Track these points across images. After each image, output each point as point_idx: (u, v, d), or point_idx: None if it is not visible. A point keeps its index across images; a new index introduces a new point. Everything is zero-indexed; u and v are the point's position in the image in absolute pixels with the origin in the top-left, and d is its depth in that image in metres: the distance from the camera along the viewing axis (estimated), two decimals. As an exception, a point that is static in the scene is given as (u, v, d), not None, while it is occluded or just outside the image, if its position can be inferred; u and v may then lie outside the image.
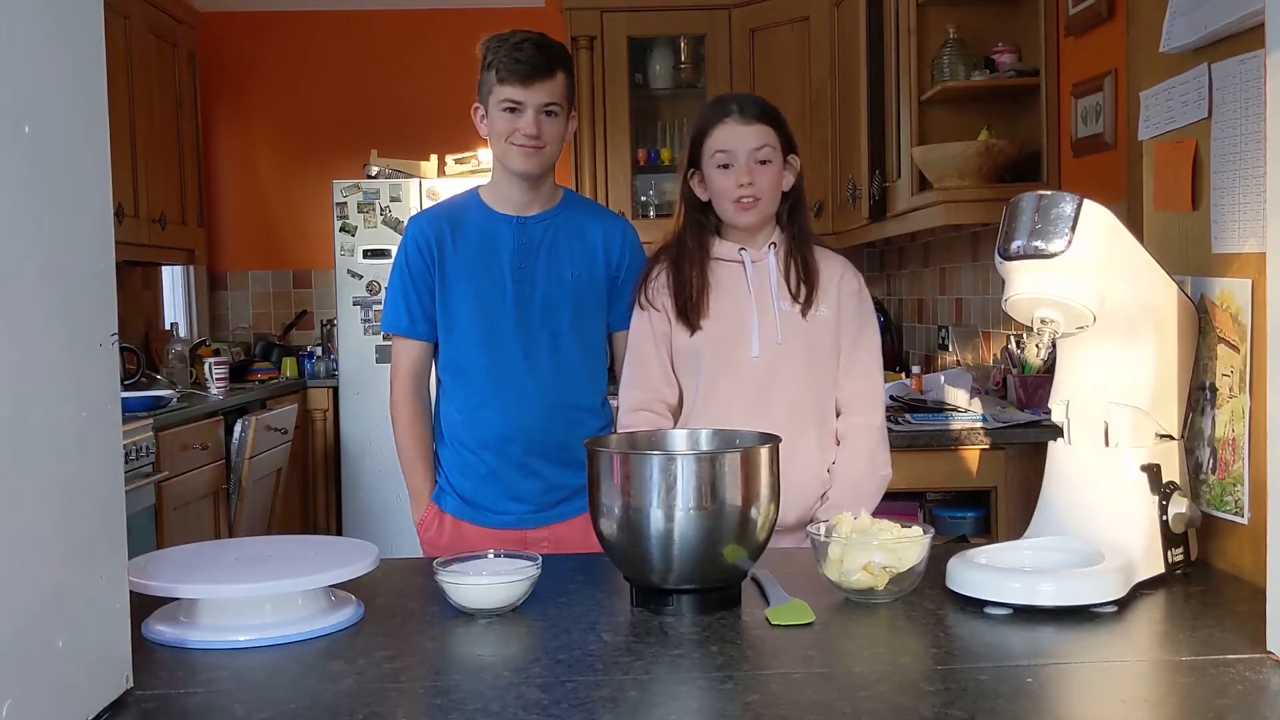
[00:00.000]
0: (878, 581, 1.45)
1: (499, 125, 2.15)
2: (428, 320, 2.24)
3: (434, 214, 2.28)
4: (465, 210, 2.26)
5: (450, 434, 2.27)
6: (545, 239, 2.21)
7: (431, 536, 2.24)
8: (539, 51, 2.14)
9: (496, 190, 2.25)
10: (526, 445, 2.21)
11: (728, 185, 2.08)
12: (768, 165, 2.08)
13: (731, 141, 2.08)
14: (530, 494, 2.22)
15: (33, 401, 0.99)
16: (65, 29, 1.07)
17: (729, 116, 2.10)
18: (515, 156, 2.15)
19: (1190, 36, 1.55)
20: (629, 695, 1.15)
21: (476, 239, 2.22)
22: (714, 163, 2.08)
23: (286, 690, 1.20)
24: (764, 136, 2.08)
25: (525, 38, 2.15)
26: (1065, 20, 3.19)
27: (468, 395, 2.23)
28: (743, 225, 2.10)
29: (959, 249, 4.19)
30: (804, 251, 2.14)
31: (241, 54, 5.85)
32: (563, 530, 2.21)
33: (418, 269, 2.23)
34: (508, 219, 2.22)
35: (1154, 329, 1.50)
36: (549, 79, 2.14)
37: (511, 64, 2.12)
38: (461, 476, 2.25)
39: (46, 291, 1.02)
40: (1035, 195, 1.45)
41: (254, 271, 5.96)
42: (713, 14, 5.11)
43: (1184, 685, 1.17)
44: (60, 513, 1.03)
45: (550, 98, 2.14)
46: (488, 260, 2.21)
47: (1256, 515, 1.44)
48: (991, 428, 2.95)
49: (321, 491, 5.38)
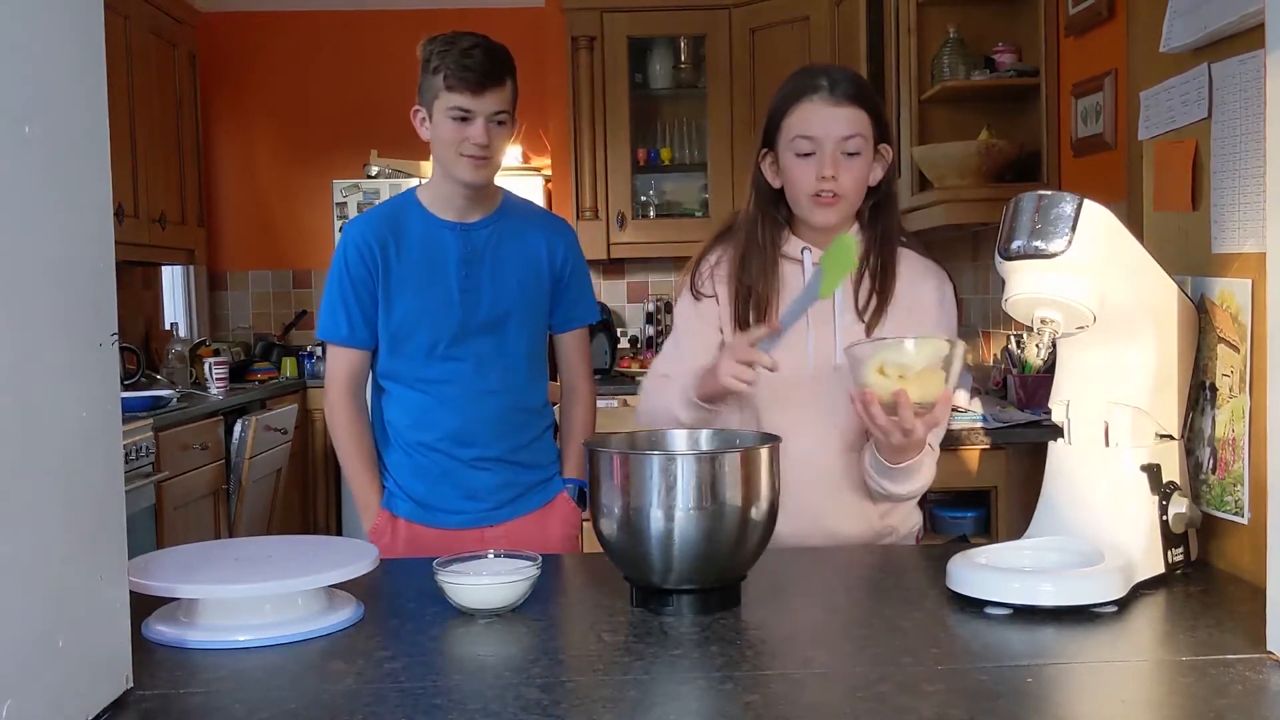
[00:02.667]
0: (893, 385, 1.54)
1: (446, 133, 2.09)
2: (368, 327, 2.19)
3: (373, 219, 2.21)
4: (406, 215, 2.20)
5: (397, 437, 2.23)
6: (489, 245, 2.18)
7: (386, 544, 2.17)
8: (489, 58, 2.07)
9: (437, 195, 2.19)
10: (479, 448, 2.20)
11: (806, 177, 1.77)
12: (856, 158, 1.77)
13: (816, 126, 1.77)
14: (484, 492, 2.21)
15: (33, 401, 0.99)
16: (65, 29, 1.07)
17: (815, 94, 1.78)
18: (465, 167, 2.10)
19: (1190, 36, 1.55)
20: (629, 695, 1.15)
21: (420, 246, 2.17)
22: (793, 149, 1.78)
23: (286, 690, 1.20)
24: (855, 123, 1.77)
25: (475, 43, 2.08)
26: (1065, 20, 3.19)
27: (416, 400, 2.20)
28: (819, 225, 1.81)
29: (959, 249, 4.19)
30: (884, 256, 1.84)
31: (241, 54, 5.85)
32: (518, 526, 2.20)
33: (359, 275, 2.17)
34: (451, 225, 2.18)
35: (1154, 329, 1.50)
36: (499, 87, 2.08)
37: (461, 71, 2.05)
38: (413, 479, 2.21)
39: (46, 291, 1.02)
40: (1035, 195, 1.45)
41: (254, 271, 5.96)
42: (713, 14, 5.11)
43: (1184, 685, 1.17)
44: (60, 513, 1.03)
45: (500, 106, 2.08)
46: (433, 268, 2.17)
47: (1256, 515, 1.44)
48: (991, 428, 2.95)
49: (321, 491, 5.38)
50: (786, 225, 1.86)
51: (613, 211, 5.14)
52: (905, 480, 1.79)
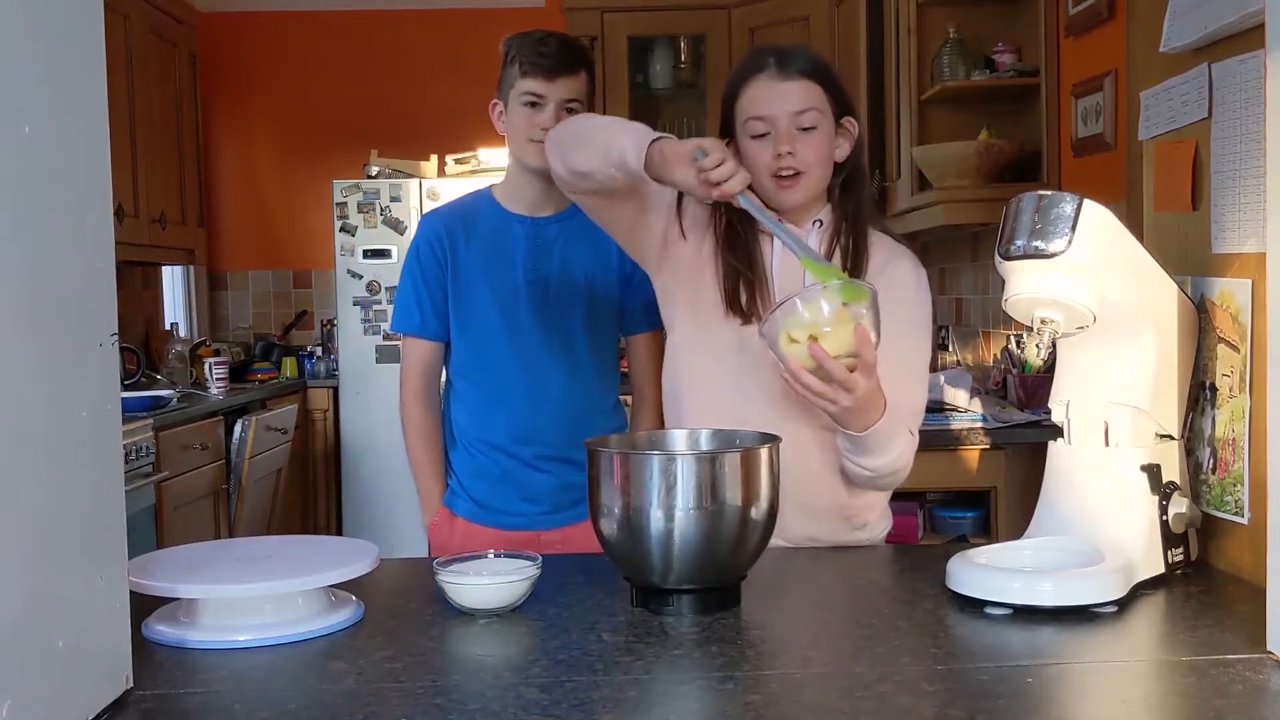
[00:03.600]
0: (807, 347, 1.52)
1: (518, 120, 2.12)
2: (440, 320, 2.21)
3: (446, 212, 2.25)
4: (478, 209, 2.23)
5: (462, 437, 2.25)
6: (559, 240, 2.19)
7: (443, 540, 2.21)
8: (563, 48, 2.12)
9: (510, 189, 2.22)
10: (539, 447, 2.19)
11: (763, 158, 1.72)
12: (813, 132, 1.71)
13: (766, 104, 1.72)
14: (543, 495, 2.21)
15: (33, 401, 0.99)
16: (65, 29, 1.07)
17: (763, 72, 1.73)
18: (534, 152, 2.10)
19: (1190, 36, 1.55)
20: (629, 695, 1.15)
21: (489, 238, 2.20)
22: (747, 131, 1.74)
23: (286, 690, 1.20)
24: (808, 96, 1.71)
25: (550, 34, 2.14)
26: (1065, 20, 3.19)
27: (481, 396, 2.21)
28: (784, 207, 1.76)
29: (959, 249, 4.19)
30: (855, 235, 1.78)
31: (241, 54, 5.85)
32: (574, 532, 2.18)
33: (430, 268, 2.20)
34: (521, 219, 2.20)
35: (1154, 329, 1.50)
36: (572, 76, 2.11)
37: (536, 58, 2.09)
38: (475, 479, 2.23)
39: (46, 292, 1.02)
40: (1035, 195, 1.45)
41: (254, 271, 5.96)
42: (713, 14, 5.12)
43: (1184, 685, 1.17)
44: (60, 513, 1.03)
45: (572, 94, 2.11)
46: (501, 260, 2.19)
47: (1256, 515, 1.44)
48: (991, 428, 2.95)
49: (321, 491, 5.38)
50: None
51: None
52: (881, 449, 1.69)
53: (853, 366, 1.57)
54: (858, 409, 1.61)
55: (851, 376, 1.57)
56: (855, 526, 1.83)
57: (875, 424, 1.65)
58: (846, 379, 1.56)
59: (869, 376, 1.59)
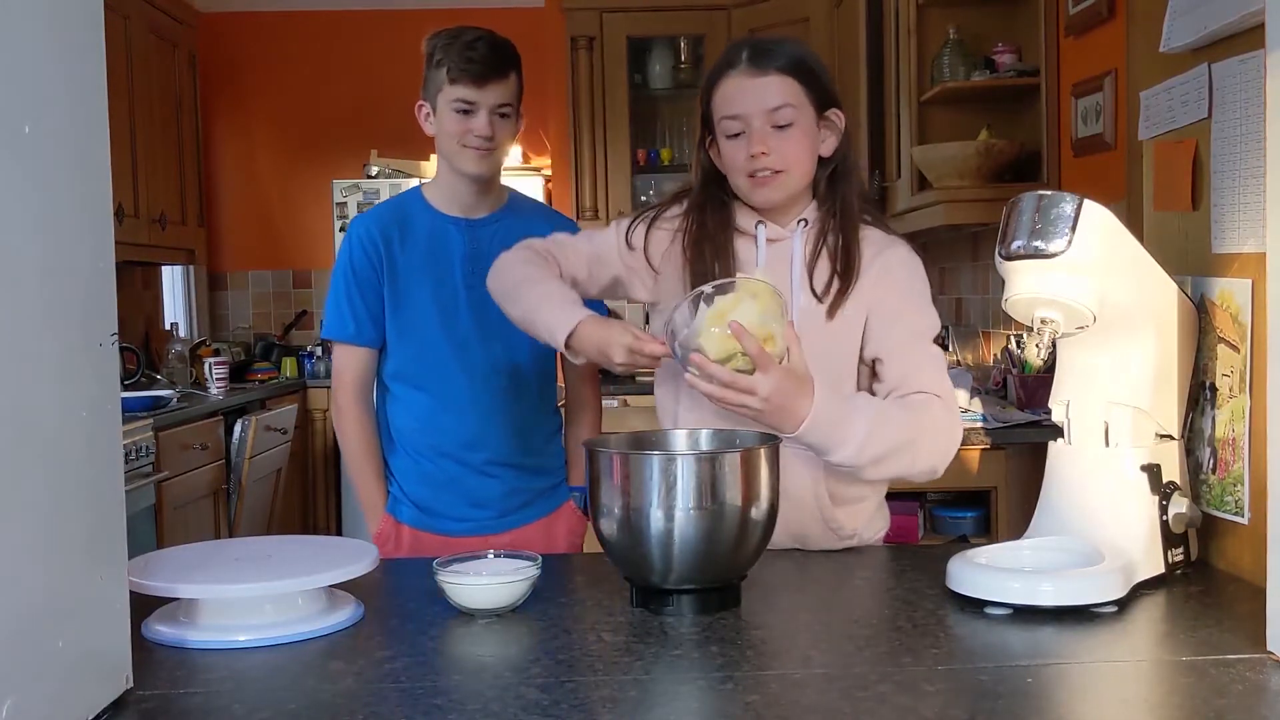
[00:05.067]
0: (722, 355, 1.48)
1: (449, 125, 2.09)
2: (375, 326, 2.17)
3: (378, 214, 2.20)
4: (410, 211, 2.19)
5: (403, 442, 2.20)
6: (495, 242, 2.13)
7: (389, 550, 2.16)
8: (493, 51, 2.08)
9: (442, 191, 2.19)
10: (488, 451, 2.17)
11: (738, 157, 1.67)
12: (790, 129, 1.66)
13: (739, 101, 1.66)
14: (493, 500, 2.19)
15: (33, 401, 0.99)
16: (65, 29, 1.07)
17: (735, 68, 1.68)
18: (468, 159, 2.10)
19: (1190, 36, 1.55)
20: (629, 695, 1.15)
21: (425, 242, 2.16)
22: (723, 131, 1.69)
23: (286, 690, 1.20)
24: (783, 92, 1.65)
25: (478, 36, 2.08)
26: (1065, 20, 3.19)
27: (425, 401, 2.17)
28: (760, 205, 1.71)
29: (959, 249, 4.19)
30: (845, 232, 1.70)
31: (241, 54, 5.85)
32: (523, 534, 2.17)
33: (364, 272, 2.15)
34: (456, 221, 2.17)
35: (1154, 329, 1.50)
36: (502, 80, 2.08)
37: (464, 63, 2.05)
38: (419, 485, 2.19)
39: (46, 291, 1.02)
40: (1035, 195, 1.45)
41: (254, 271, 5.96)
42: (712, 14, 5.12)
43: (1184, 685, 1.17)
44: (60, 513, 1.03)
45: (503, 99, 2.09)
46: (438, 264, 2.15)
47: (1256, 515, 1.44)
48: (991, 428, 2.95)
49: (321, 491, 5.38)
50: (735, 201, 1.75)
51: (613, 211, 5.14)
52: (835, 441, 1.57)
53: (752, 369, 1.50)
54: (774, 407, 1.51)
55: (739, 376, 1.49)
56: (842, 536, 1.76)
57: (804, 419, 1.54)
58: (734, 379, 1.49)
59: (766, 369, 1.49)
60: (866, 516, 1.80)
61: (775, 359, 1.51)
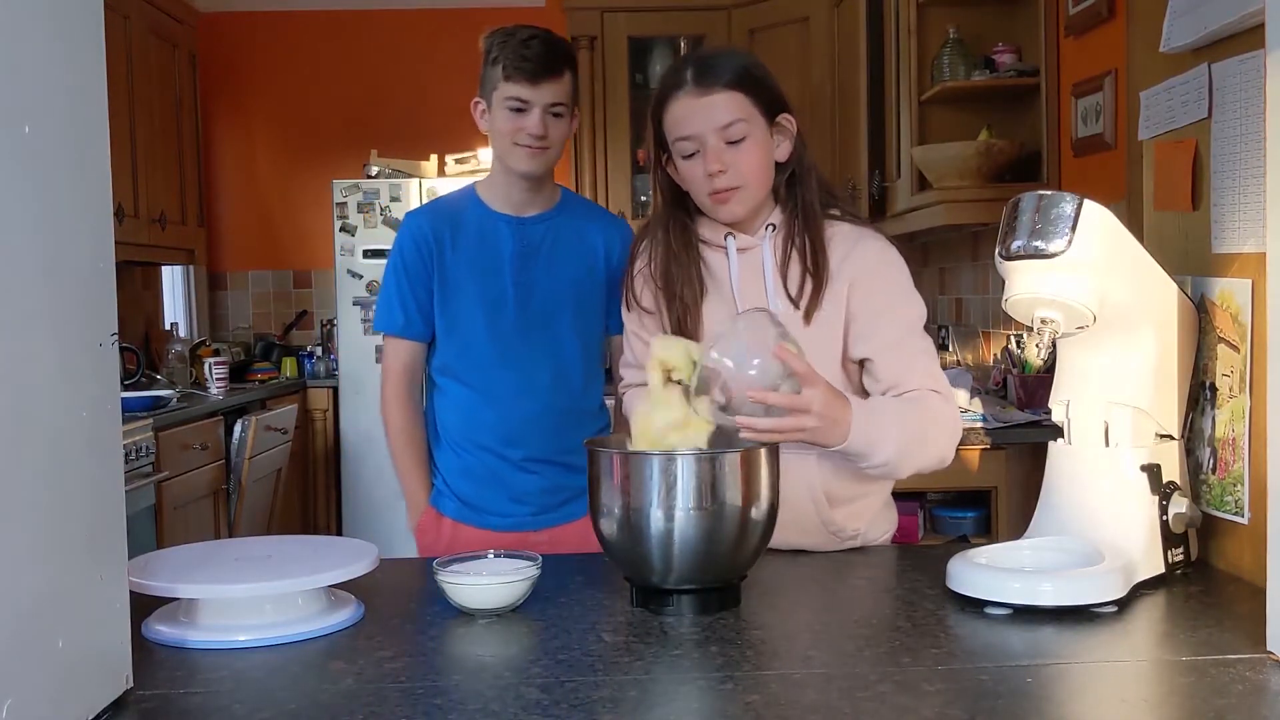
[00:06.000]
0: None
1: (503, 124, 2.10)
2: (424, 320, 2.20)
3: (431, 211, 2.23)
4: (463, 208, 2.22)
5: (447, 436, 2.23)
6: (545, 241, 2.18)
7: (429, 541, 2.20)
8: (547, 50, 2.09)
9: (495, 189, 2.21)
10: (528, 448, 2.18)
11: (697, 177, 1.69)
12: (743, 144, 1.66)
13: (689, 123, 1.67)
14: (531, 496, 2.20)
15: (33, 401, 0.99)
16: (65, 29, 1.07)
17: (681, 89, 1.68)
18: (519, 157, 2.10)
19: (1190, 36, 1.55)
20: (629, 695, 1.15)
21: (476, 238, 2.19)
22: (678, 151, 1.70)
23: (286, 690, 1.20)
24: (731, 108, 1.66)
25: (533, 34, 2.10)
26: (1065, 20, 3.20)
27: (468, 396, 2.20)
28: (726, 220, 1.74)
29: (959, 249, 4.19)
30: (809, 233, 1.72)
31: (241, 54, 5.85)
32: (562, 533, 2.18)
33: (414, 267, 2.18)
34: (507, 219, 2.19)
35: (1154, 329, 1.50)
36: (556, 79, 2.10)
37: (519, 62, 2.06)
38: (461, 479, 2.22)
39: (46, 291, 1.02)
40: (1035, 195, 1.45)
41: (254, 271, 5.96)
42: (713, 14, 5.12)
43: (1184, 685, 1.17)
44: (60, 513, 1.03)
45: (557, 98, 2.10)
46: (487, 261, 2.17)
47: (1256, 515, 1.44)
48: (991, 428, 2.95)
49: (321, 491, 5.38)
50: (700, 216, 1.78)
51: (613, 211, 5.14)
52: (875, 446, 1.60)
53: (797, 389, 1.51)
54: (826, 421, 1.54)
55: (794, 396, 1.50)
56: (844, 538, 1.77)
57: (849, 428, 1.57)
58: (794, 402, 1.50)
59: (813, 385, 1.52)
60: (869, 516, 1.80)
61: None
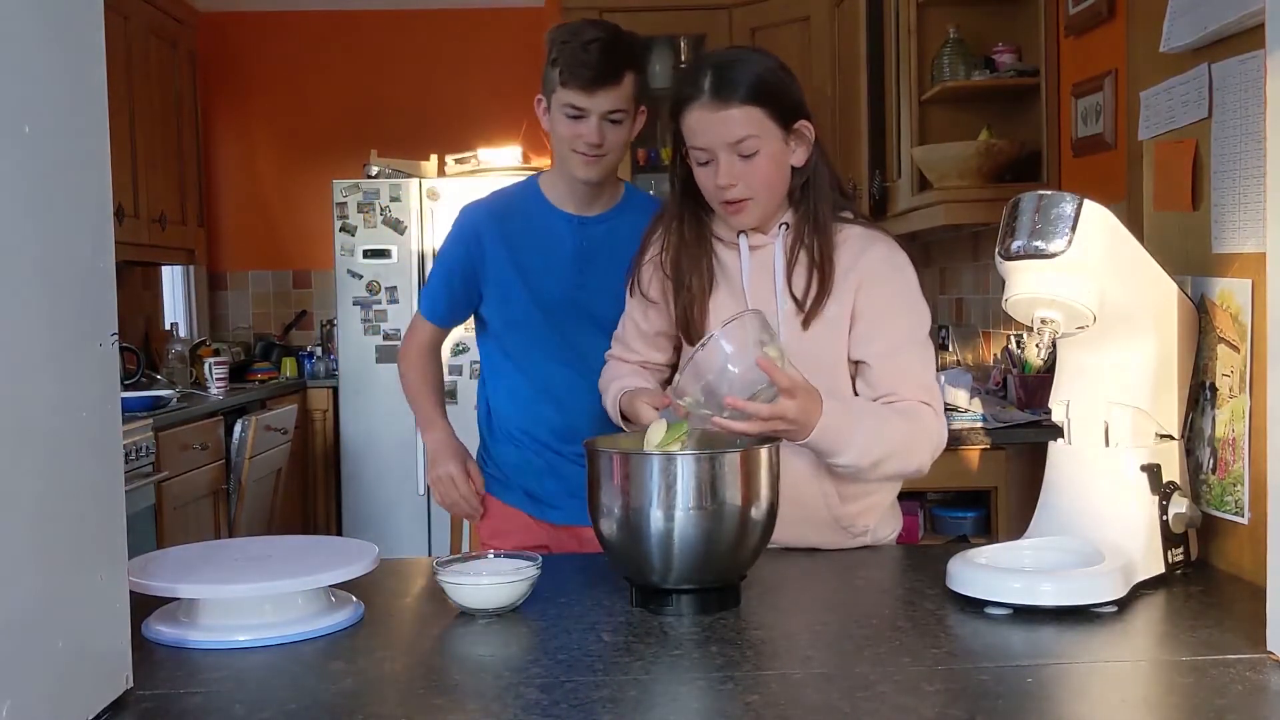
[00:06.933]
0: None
1: (561, 129, 2.06)
2: (455, 314, 2.25)
3: (490, 205, 2.20)
4: (523, 203, 2.19)
5: (502, 427, 2.24)
6: (607, 241, 2.14)
7: (496, 524, 2.21)
8: (605, 56, 2.01)
9: (557, 186, 2.18)
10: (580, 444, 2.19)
11: (709, 184, 1.72)
12: (755, 158, 1.68)
13: (702, 135, 1.68)
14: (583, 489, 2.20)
15: (33, 401, 0.99)
16: (65, 29, 1.07)
17: (697, 100, 1.68)
18: (576, 164, 2.07)
19: (1190, 36, 1.55)
20: (629, 695, 1.15)
21: (537, 235, 2.16)
22: (693, 157, 1.72)
23: (286, 690, 1.20)
24: (745, 124, 1.66)
25: (594, 38, 2.03)
26: (1065, 20, 3.19)
27: (526, 391, 2.20)
28: (737, 228, 1.77)
29: (959, 249, 4.19)
30: (819, 236, 1.74)
31: (241, 54, 5.85)
32: None
33: (459, 262, 2.18)
34: (568, 218, 2.16)
35: (1154, 329, 1.50)
36: (614, 86, 2.02)
37: (576, 67, 2.00)
38: (521, 472, 2.22)
39: (46, 291, 1.02)
40: (1035, 195, 1.45)
41: (254, 271, 5.96)
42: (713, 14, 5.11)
43: (1184, 685, 1.17)
44: (60, 513, 1.03)
45: (615, 105, 2.03)
46: (548, 259, 2.15)
47: (1256, 515, 1.44)
48: (991, 428, 2.95)
49: (321, 491, 5.38)
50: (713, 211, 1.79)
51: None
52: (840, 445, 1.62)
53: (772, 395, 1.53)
54: (800, 424, 1.56)
55: (774, 406, 1.52)
56: (855, 534, 1.79)
57: (817, 425, 1.58)
58: (771, 411, 1.52)
59: (794, 394, 1.54)
60: (879, 514, 1.82)
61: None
